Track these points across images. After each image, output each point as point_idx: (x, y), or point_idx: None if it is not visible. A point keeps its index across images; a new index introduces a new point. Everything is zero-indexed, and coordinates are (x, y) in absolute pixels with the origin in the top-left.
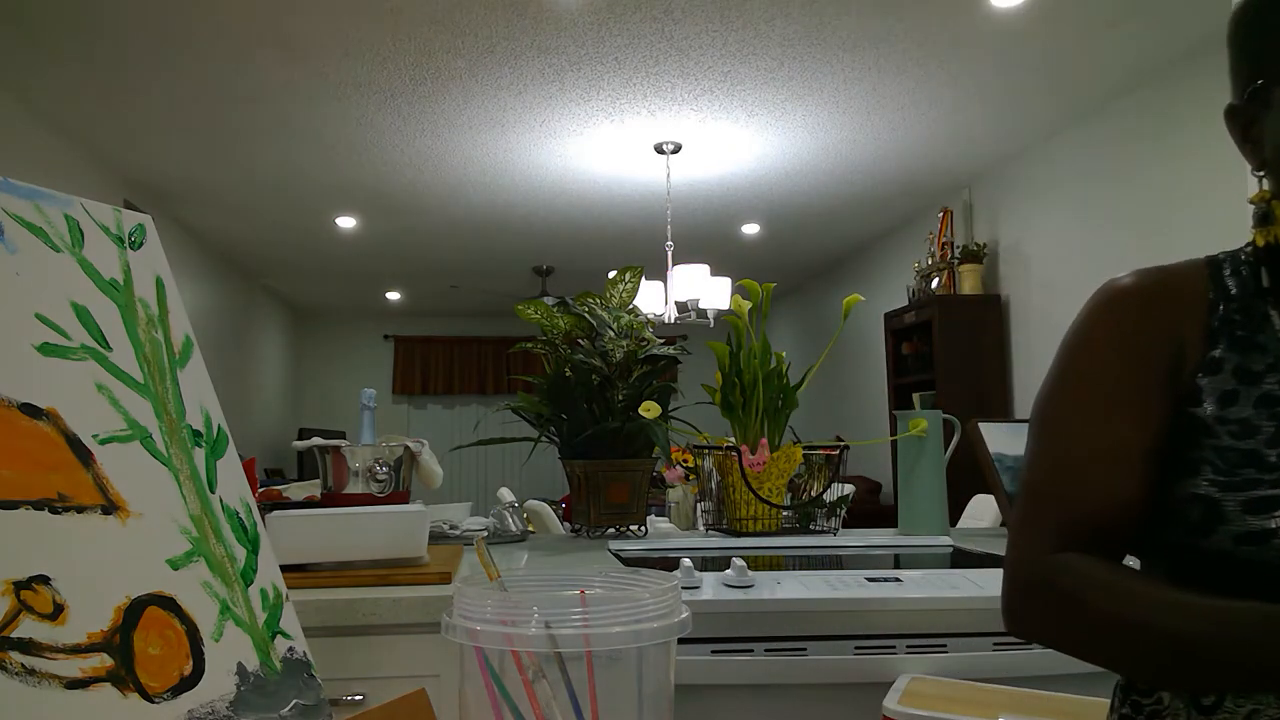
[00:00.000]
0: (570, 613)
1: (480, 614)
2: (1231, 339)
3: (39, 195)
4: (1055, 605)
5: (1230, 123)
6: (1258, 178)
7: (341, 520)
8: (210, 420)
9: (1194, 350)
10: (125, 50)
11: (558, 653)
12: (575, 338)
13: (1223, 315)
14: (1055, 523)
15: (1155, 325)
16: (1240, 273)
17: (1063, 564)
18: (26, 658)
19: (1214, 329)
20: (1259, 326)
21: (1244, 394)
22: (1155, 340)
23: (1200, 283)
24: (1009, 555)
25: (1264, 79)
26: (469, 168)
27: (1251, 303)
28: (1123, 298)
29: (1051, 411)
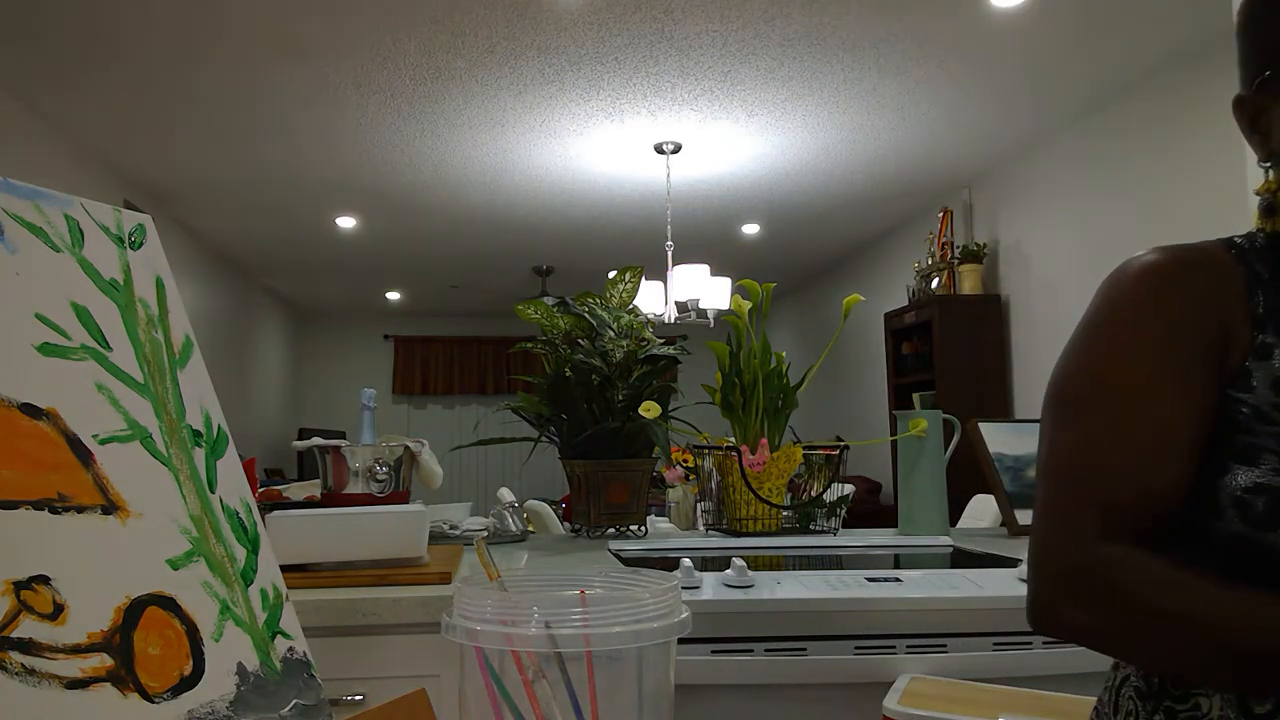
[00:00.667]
0: (570, 613)
1: (480, 614)
2: (1277, 325)
3: (39, 195)
4: (1108, 601)
5: (1238, 113)
6: (1264, 168)
7: (341, 520)
8: (210, 420)
9: (1240, 333)
10: (125, 51)
11: (558, 653)
12: (575, 338)
13: (1264, 300)
14: (1097, 510)
15: (1199, 304)
16: (1268, 259)
17: (1116, 557)
18: (26, 658)
19: (1258, 314)
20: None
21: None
22: (1200, 319)
23: (1230, 265)
24: (1040, 545)
25: (1273, 70)
26: (469, 168)
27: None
28: (1162, 273)
29: (1085, 390)
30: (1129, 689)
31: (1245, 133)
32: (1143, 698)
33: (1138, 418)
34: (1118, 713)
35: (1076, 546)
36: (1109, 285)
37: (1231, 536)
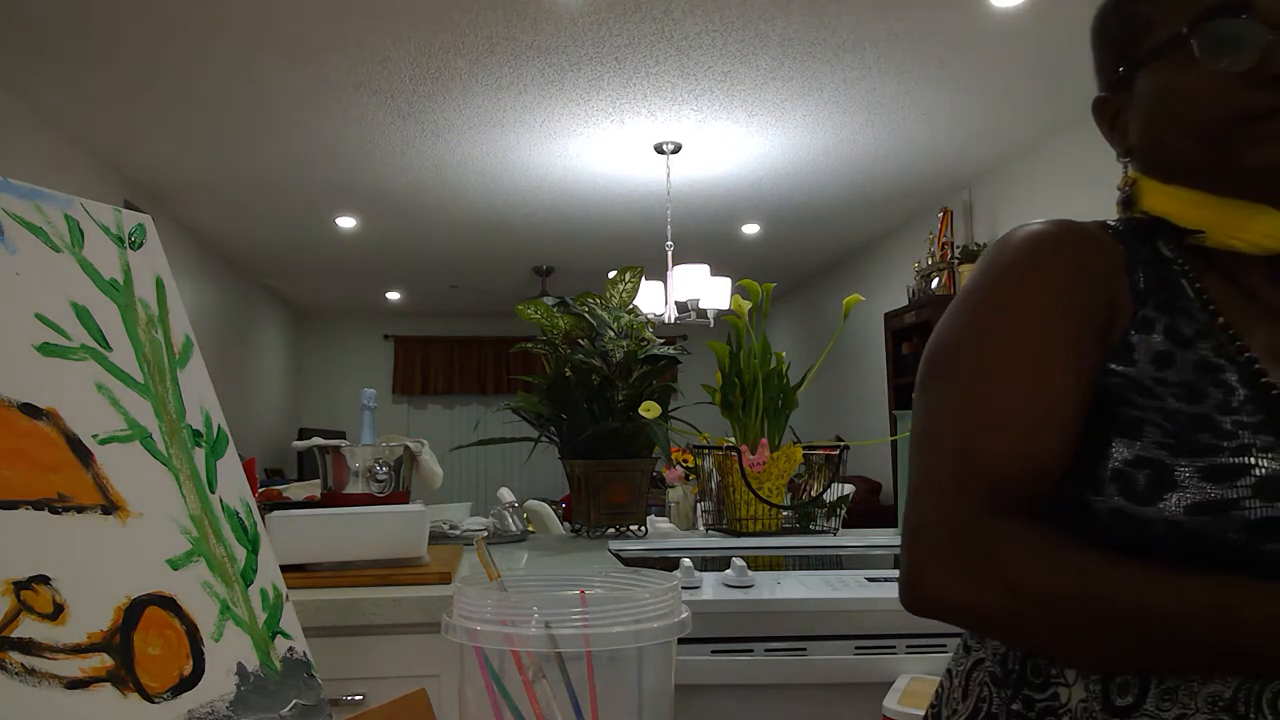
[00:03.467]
0: (570, 613)
1: (480, 614)
2: (1157, 300)
3: (39, 195)
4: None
5: (1098, 115)
6: (1123, 164)
7: (341, 520)
8: (210, 420)
9: (1124, 305)
10: (125, 50)
11: (558, 653)
12: (575, 338)
13: (1143, 276)
14: (981, 483)
15: (1086, 274)
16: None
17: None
18: (26, 658)
19: (1140, 289)
20: (1176, 293)
21: (1180, 357)
22: (1087, 289)
23: (1111, 241)
24: (920, 520)
25: (1125, 67)
26: (469, 168)
27: (1160, 268)
28: (1049, 242)
29: (968, 359)
30: (982, 674)
31: (1105, 133)
32: (998, 684)
33: (1022, 388)
34: (966, 698)
35: (960, 521)
36: (994, 252)
37: (1111, 511)
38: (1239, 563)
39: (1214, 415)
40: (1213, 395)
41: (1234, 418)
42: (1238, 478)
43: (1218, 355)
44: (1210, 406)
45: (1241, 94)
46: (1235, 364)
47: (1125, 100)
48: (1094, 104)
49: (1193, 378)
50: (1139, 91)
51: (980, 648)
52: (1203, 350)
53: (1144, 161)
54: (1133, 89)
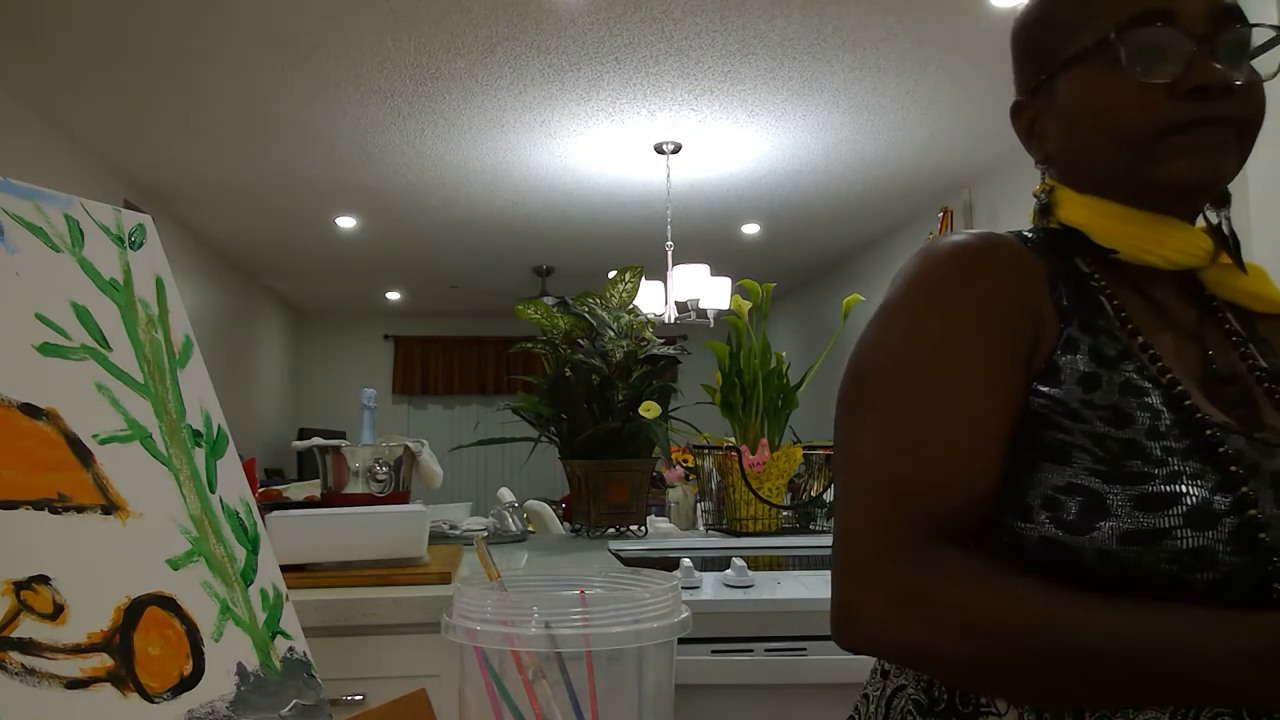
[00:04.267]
0: (570, 613)
1: (480, 614)
2: (1081, 319)
3: (39, 195)
4: (936, 614)
5: (1015, 120)
6: (1041, 170)
7: (341, 520)
8: (210, 420)
9: (1049, 325)
10: (125, 50)
11: (558, 653)
12: (575, 338)
13: (1066, 293)
14: (912, 512)
15: (1010, 292)
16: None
17: (938, 563)
18: (26, 658)
19: (1064, 305)
20: (1098, 310)
21: (1105, 379)
22: (1012, 308)
23: (1032, 254)
24: (851, 550)
25: (1045, 74)
26: (469, 168)
27: (1079, 283)
28: (971, 257)
29: (891, 380)
30: (903, 701)
31: (1023, 139)
32: (923, 713)
33: (948, 411)
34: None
35: (896, 554)
36: (916, 266)
37: (1040, 539)
38: (1169, 592)
39: (1143, 441)
40: (1140, 420)
41: (1162, 444)
42: (1169, 506)
43: (1141, 377)
44: (1139, 431)
45: (1163, 105)
46: (1159, 387)
47: (1044, 106)
48: (1011, 108)
49: (1119, 400)
50: (1059, 97)
51: (901, 674)
52: (1127, 372)
53: (1061, 169)
54: (1053, 95)
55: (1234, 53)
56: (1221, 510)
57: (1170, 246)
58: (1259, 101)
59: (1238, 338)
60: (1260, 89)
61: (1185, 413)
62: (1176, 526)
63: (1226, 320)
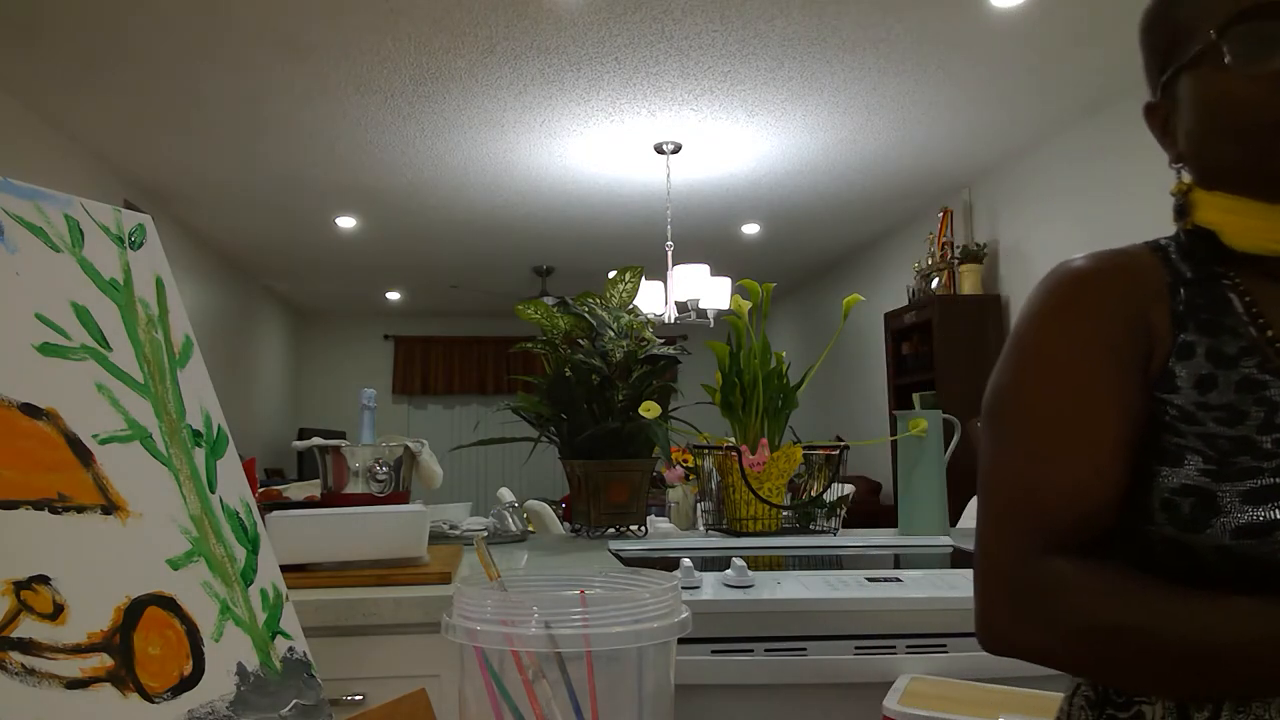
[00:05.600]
0: (570, 613)
1: (480, 614)
2: (1199, 322)
3: (39, 195)
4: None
5: (1149, 120)
6: (1175, 170)
7: (341, 520)
8: (210, 420)
9: (1162, 334)
10: (125, 50)
11: (558, 653)
12: (575, 338)
13: (1185, 299)
14: (1037, 527)
15: (1123, 309)
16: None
17: (1057, 572)
18: (27, 658)
19: (1179, 312)
20: (1222, 309)
21: (1223, 378)
22: (1125, 324)
23: (1154, 266)
24: (984, 563)
25: (1168, 73)
26: (469, 168)
27: (1209, 286)
28: (1086, 281)
29: (1020, 402)
30: (1080, 697)
31: (1158, 137)
32: (1091, 706)
33: (1070, 425)
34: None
35: (1018, 563)
36: (1036, 296)
37: (1163, 539)
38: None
39: (1253, 436)
40: (1253, 415)
41: (1274, 435)
42: (1276, 498)
43: (1263, 371)
44: (1250, 427)
45: (1272, 98)
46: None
47: (1171, 105)
48: (1145, 109)
49: (1234, 399)
50: (1181, 97)
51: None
52: (1246, 368)
53: (1191, 167)
54: (1176, 94)
55: None
56: None
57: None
58: None
59: None
60: None
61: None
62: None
63: None
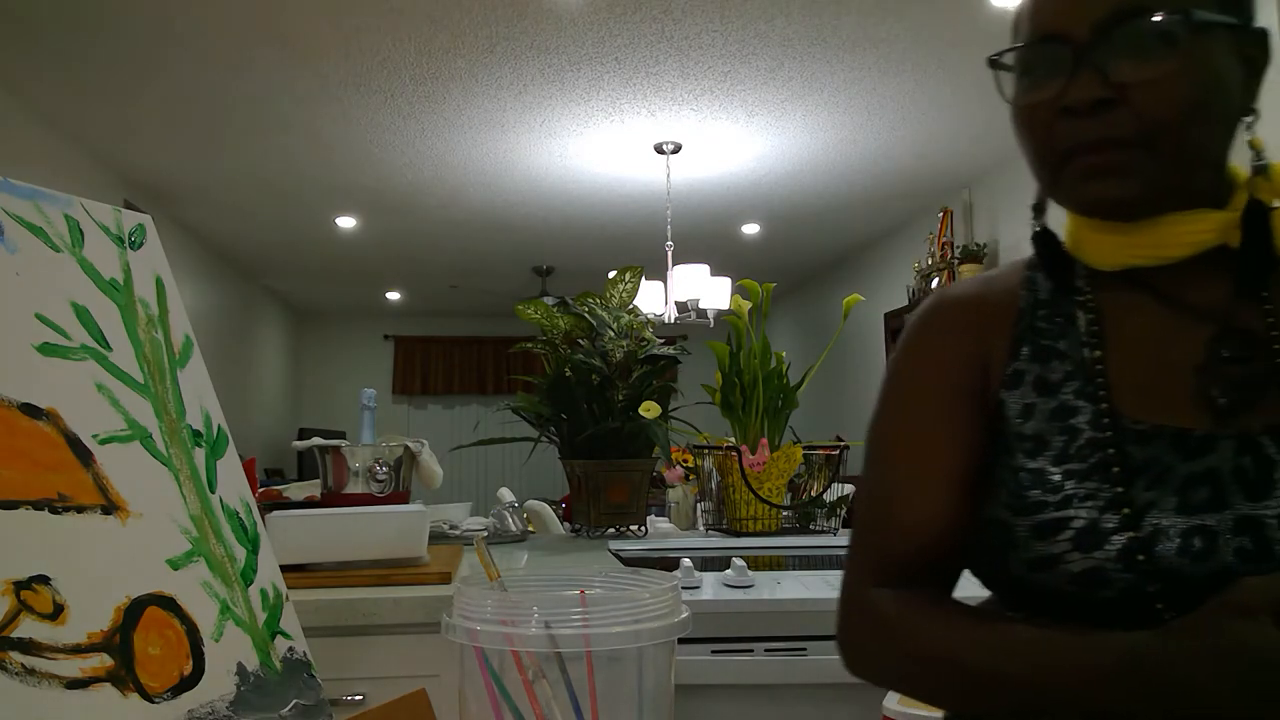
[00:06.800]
0: (570, 613)
1: (480, 614)
2: (1034, 348)
3: (39, 195)
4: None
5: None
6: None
7: (341, 520)
8: (210, 420)
9: (998, 364)
10: (125, 50)
11: (558, 653)
12: (575, 338)
13: (1027, 323)
14: (876, 554)
15: (960, 339)
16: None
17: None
18: (27, 658)
19: (1017, 338)
20: (1064, 331)
21: (1040, 407)
22: (960, 355)
23: (1015, 289)
24: (841, 594)
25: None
26: (469, 168)
27: (1062, 304)
28: (932, 312)
29: (874, 434)
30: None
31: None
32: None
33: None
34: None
35: (857, 593)
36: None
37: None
38: (1080, 613)
39: (1047, 469)
40: (1054, 445)
41: (1067, 467)
42: (1059, 532)
43: (1079, 397)
44: (1048, 459)
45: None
46: (1092, 403)
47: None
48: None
49: (1044, 428)
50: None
51: None
52: (1064, 395)
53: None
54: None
55: (1130, 54)
56: (1110, 529)
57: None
58: (1165, 101)
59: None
60: (1171, 83)
61: (1102, 429)
62: (1066, 551)
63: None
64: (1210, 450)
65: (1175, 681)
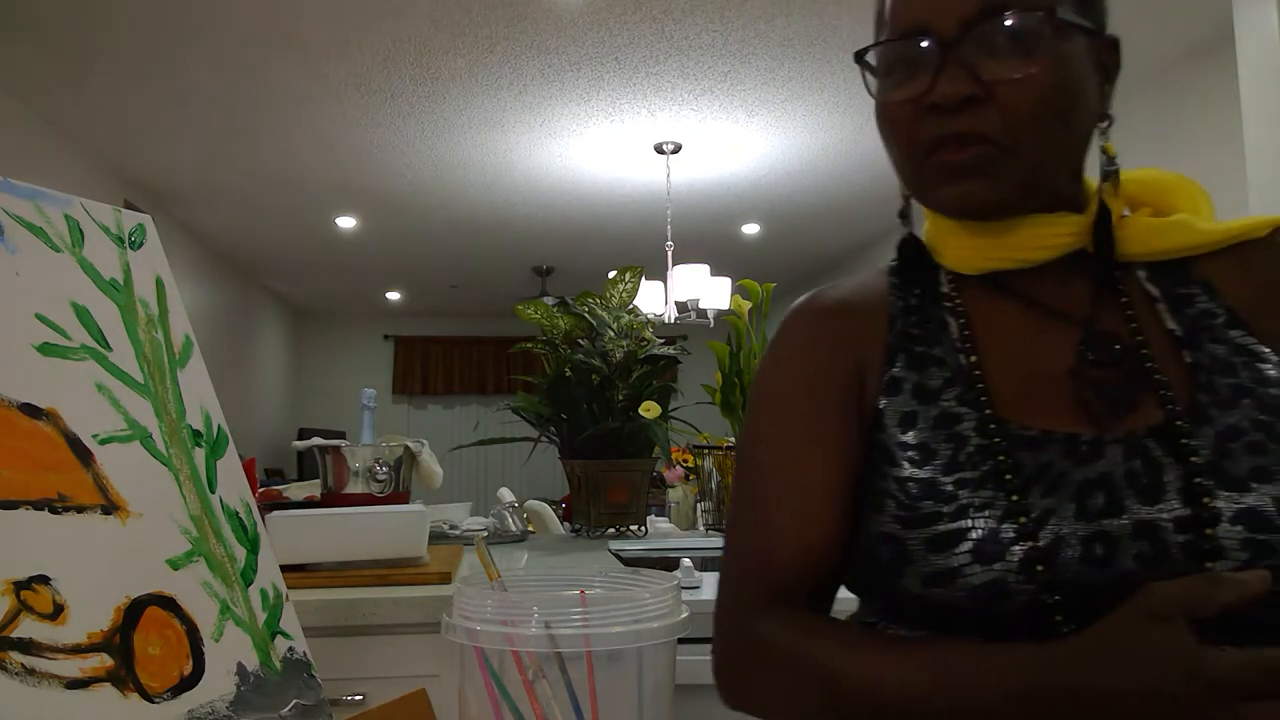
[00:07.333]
0: (570, 613)
1: (480, 614)
2: (910, 355)
3: (39, 195)
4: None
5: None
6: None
7: (341, 520)
8: (210, 420)
9: (874, 370)
10: (126, 50)
11: (558, 653)
12: (575, 338)
13: (901, 329)
14: (755, 576)
15: (831, 345)
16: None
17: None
18: (26, 658)
19: (891, 345)
20: (937, 337)
21: (922, 415)
22: (833, 362)
23: (883, 293)
24: (715, 616)
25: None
26: (469, 168)
27: (930, 310)
28: (799, 317)
29: (745, 448)
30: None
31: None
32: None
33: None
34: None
35: (738, 619)
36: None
37: (874, 586)
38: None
39: (938, 478)
40: (942, 454)
41: (958, 475)
42: (957, 545)
43: (960, 404)
44: (937, 468)
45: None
46: (976, 409)
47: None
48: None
49: (928, 436)
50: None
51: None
52: (945, 402)
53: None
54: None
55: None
56: (1009, 539)
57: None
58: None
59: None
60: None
61: (988, 435)
62: (965, 564)
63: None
64: (1100, 455)
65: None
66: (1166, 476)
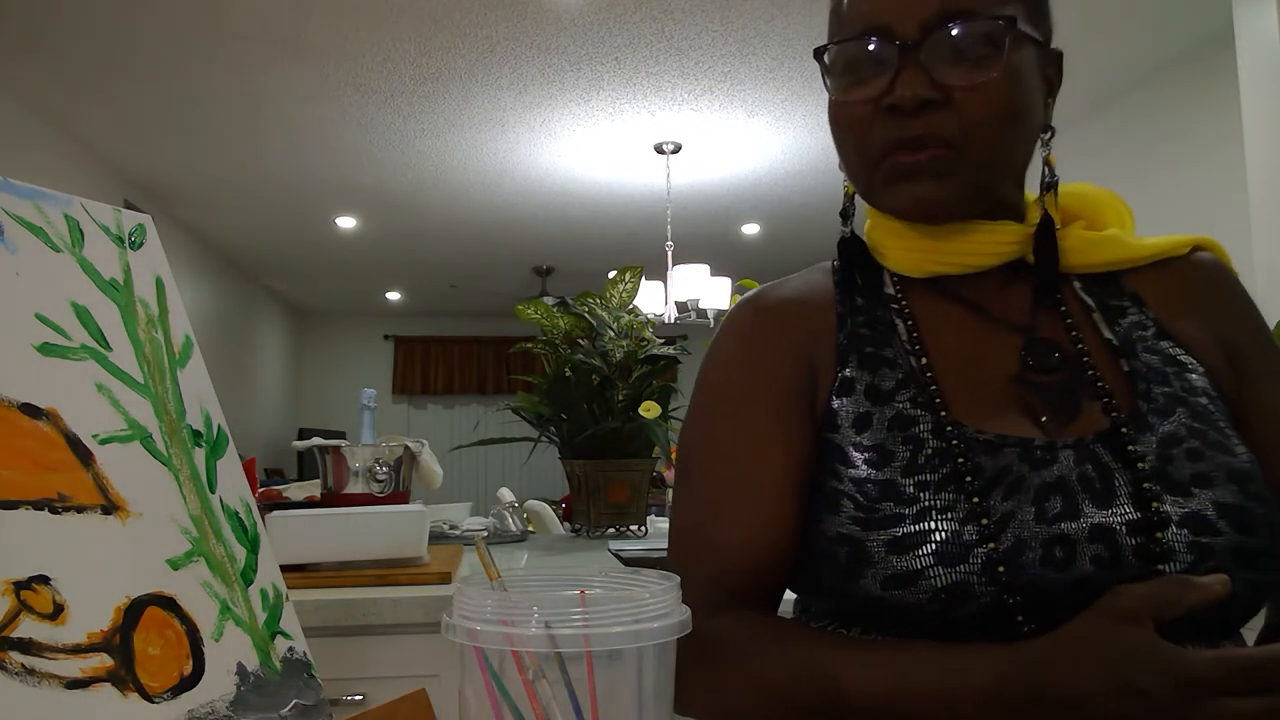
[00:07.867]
0: (570, 613)
1: (480, 614)
2: (861, 355)
3: (39, 195)
4: (716, 674)
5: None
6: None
7: (341, 520)
8: (210, 420)
9: (825, 370)
10: (126, 51)
11: (558, 653)
12: (575, 338)
13: (851, 329)
14: (703, 578)
15: (781, 344)
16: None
17: (713, 626)
18: (26, 658)
19: (842, 345)
20: (886, 339)
21: (877, 416)
22: (784, 360)
23: (828, 292)
24: None
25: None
26: (469, 168)
27: (877, 311)
28: (749, 313)
29: (689, 446)
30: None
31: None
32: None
33: (733, 474)
34: None
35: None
36: (717, 332)
37: (829, 590)
38: (940, 630)
39: (898, 480)
40: (900, 455)
41: (918, 478)
42: (919, 546)
43: (914, 405)
44: (896, 470)
45: (869, 126)
46: (930, 412)
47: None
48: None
49: (885, 438)
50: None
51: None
52: (899, 403)
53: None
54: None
55: (954, 58)
56: (972, 541)
57: (964, 252)
58: (987, 106)
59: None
60: (994, 89)
61: (945, 437)
62: (928, 566)
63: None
64: (1055, 460)
65: (1068, 692)
66: (1116, 481)
